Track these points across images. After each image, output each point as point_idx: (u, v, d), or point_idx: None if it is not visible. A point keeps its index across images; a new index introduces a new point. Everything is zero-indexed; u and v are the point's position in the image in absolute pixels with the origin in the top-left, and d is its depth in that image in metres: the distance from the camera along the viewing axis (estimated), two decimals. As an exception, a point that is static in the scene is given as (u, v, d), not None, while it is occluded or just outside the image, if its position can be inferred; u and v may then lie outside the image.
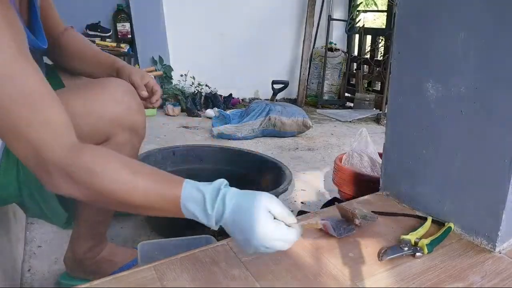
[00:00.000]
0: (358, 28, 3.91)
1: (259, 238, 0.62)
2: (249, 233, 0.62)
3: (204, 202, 0.63)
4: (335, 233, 0.86)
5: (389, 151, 1.10)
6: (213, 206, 0.63)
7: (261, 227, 0.62)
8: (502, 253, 0.85)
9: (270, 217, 0.64)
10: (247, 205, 0.63)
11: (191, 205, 0.64)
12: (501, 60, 0.80)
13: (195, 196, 0.64)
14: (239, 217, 0.63)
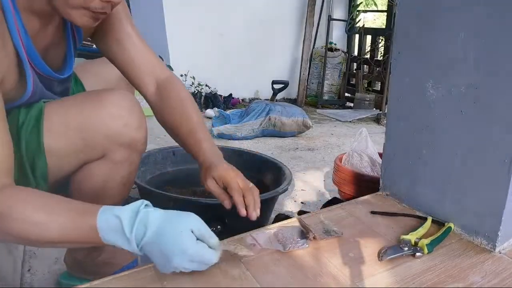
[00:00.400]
0: (358, 28, 3.91)
1: (179, 259, 0.63)
2: (170, 254, 0.63)
3: (122, 227, 0.62)
4: (280, 247, 0.81)
5: (389, 151, 1.10)
6: (132, 229, 0.62)
7: (183, 248, 0.63)
8: (502, 253, 0.85)
9: (193, 238, 0.64)
10: (170, 226, 0.64)
11: (110, 234, 0.63)
12: (501, 60, 0.80)
13: (112, 223, 0.63)
14: (161, 239, 0.63)
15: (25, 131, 0.76)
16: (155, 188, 1.30)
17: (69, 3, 0.68)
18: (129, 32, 0.90)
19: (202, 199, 1.44)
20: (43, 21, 0.75)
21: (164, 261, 0.64)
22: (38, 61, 0.76)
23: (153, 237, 0.63)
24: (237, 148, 1.77)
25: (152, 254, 0.65)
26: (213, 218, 1.17)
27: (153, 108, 0.95)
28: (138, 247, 0.63)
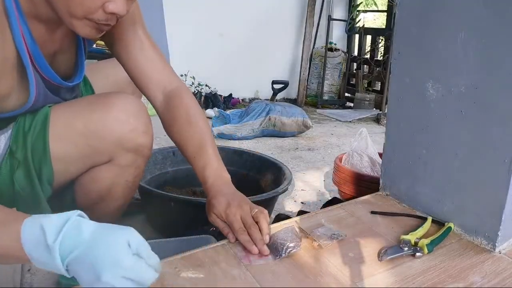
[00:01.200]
0: (358, 28, 3.91)
1: (110, 274, 0.51)
2: (99, 267, 0.51)
3: (44, 237, 0.52)
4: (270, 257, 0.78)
5: (389, 151, 1.10)
6: (56, 237, 0.51)
7: (116, 260, 0.52)
8: (502, 253, 0.85)
9: (129, 251, 0.54)
10: (104, 235, 0.54)
11: (33, 247, 0.52)
12: (501, 60, 0.80)
13: (36, 233, 0.52)
14: (92, 249, 0.52)
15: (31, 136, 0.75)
16: (155, 188, 1.30)
17: (72, 13, 0.66)
18: (140, 39, 0.88)
19: (202, 199, 1.44)
20: (50, 27, 0.74)
21: (92, 277, 0.52)
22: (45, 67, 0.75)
23: (83, 249, 0.52)
24: (237, 148, 1.77)
25: (79, 270, 0.53)
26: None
27: (161, 119, 0.94)
28: (64, 263, 0.52)
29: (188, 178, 1.63)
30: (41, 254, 0.52)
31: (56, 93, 0.81)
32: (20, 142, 0.75)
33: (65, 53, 0.82)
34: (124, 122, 0.78)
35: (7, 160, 0.76)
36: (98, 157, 0.80)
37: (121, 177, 0.85)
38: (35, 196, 0.78)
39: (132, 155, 0.83)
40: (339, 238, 0.86)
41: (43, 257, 0.53)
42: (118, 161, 0.82)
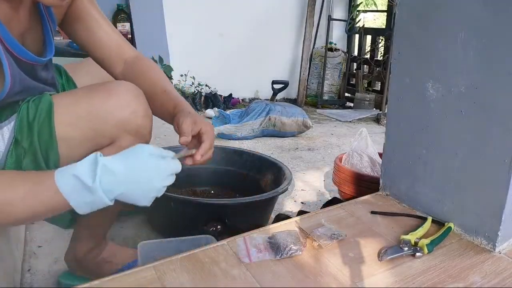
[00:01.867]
0: (358, 28, 3.91)
1: (158, 180, 0.67)
2: (148, 180, 0.66)
3: (79, 180, 0.62)
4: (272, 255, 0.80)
5: (389, 151, 1.10)
6: (94, 177, 0.62)
7: (157, 168, 0.67)
8: (502, 253, 0.85)
9: (157, 158, 0.68)
10: (133, 159, 0.66)
11: (74, 194, 0.62)
12: (501, 60, 0.80)
13: (71, 182, 0.62)
14: (133, 172, 0.64)
15: (37, 124, 0.77)
16: (155, 188, 1.29)
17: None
18: (95, 15, 0.92)
19: (202, 199, 1.44)
20: (14, 6, 0.75)
21: (146, 191, 0.66)
22: (17, 47, 0.75)
23: (125, 174, 0.64)
24: (237, 148, 1.77)
25: (128, 194, 0.65)
26: (213, 218, 1.17)
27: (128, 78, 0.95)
28: (108, 195, 0.63)
29: (188, 178, 1.63)
30: (84, 196, 0.62)
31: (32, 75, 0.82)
32: (25, 132, 0.76)
33: (32, 31, 0.82)
34: (125, 105, 0.82)
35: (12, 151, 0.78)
36: (101, 139, 0.82)
37: None
38: None
39: (133, 137, 0.85)
40: (339, 238, 0.86)
41: (86, 198, 0.63)
42: (119, 143, 0.84)
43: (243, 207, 1.25)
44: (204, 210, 1.20)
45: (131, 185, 0.65)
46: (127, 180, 0.65)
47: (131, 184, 0.65)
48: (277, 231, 0.87)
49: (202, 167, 1.65)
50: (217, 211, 1.19)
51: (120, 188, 0.64)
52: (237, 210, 1.24)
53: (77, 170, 0.63)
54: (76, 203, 0.63)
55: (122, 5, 3.21)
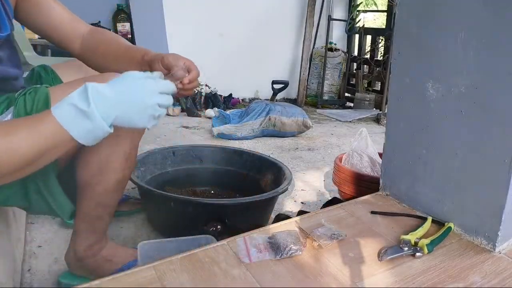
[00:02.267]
0: (358, 28, 3.91)
1: (151, 97, 0.68)
2: (142, 98, 0.68)
3: (78, 107, 0.63)
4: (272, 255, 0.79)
5: (389, 151, 1.10)
6: (87, 100, 0.63)
7: (149, 86, 0.69)
8: (502, 253, 0.85)
9: (146, 78, 0.70)
10: (125, 80, 0.68)
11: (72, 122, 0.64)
12: (501, 60, 0.80)
13: (67, 110, 0.64)
14: (126, 92, 0.67)
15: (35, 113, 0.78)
16: (155, 188, 1.30)
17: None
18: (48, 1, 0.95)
19: (202, 199, 1.44)
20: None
21: (139, 109, 0.68)
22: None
23: (116, 97, 0.66)
24: (237, 148, 1.77)
25: (124, 116, 0.67)
26: (213, 218, 1.17)
27: (84, 58, 1.00)
28: (105, 119, 0.65)
29: (188, 178, 1.63)
30: (83, 123, 0.64)
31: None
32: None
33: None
34: None
35: None
36: None
37: (119, 147, 0.90)
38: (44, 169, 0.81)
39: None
40: (339, 238, 0.86)
41: (85, 125, 0.64)
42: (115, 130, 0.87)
43: (243, 207, 1.25)
44: (204, 210, 1.20)
45: (123, 106, 0.67)
46: (119, 101, 0.66)
47: (123, 105, 0.67)
48: (277, 231, 0.87)
49: (202, 167, 1.65)
50: (217, 211, 1.19)
51: (114, 111, 0.66)
52: (237, 210, 1.24)
53: (71, 99, 0.64)
54: (77, 132, 0.64)
55: (122, 5, 3.21)
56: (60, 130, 0.63)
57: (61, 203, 0.90)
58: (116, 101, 0.66)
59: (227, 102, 3.51)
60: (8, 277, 0.91)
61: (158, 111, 0.70)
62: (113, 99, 0.66)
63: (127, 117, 0.68)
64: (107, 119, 0.65)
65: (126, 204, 1.45)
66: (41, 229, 1.31)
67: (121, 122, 0.68)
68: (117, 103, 0.66)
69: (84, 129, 0.64)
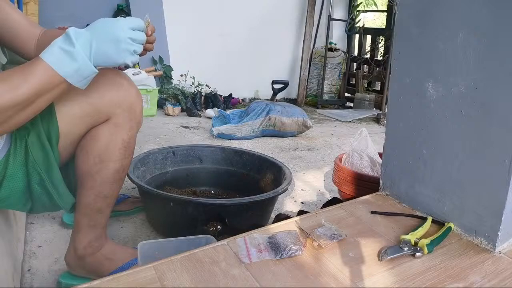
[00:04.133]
0: (358, 28, 3.91)
1: (119, 28, 0.74)
2: (111, 29, 0.74)
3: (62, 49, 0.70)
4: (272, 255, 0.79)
5: (389, 151, 1.10)
6: (71, 42, 0.71)
7: (118, 20, 0.76)
8: (502, 253, 0.85)
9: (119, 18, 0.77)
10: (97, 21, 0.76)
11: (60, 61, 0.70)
12: (501, 60, 0.80)
13: (55, 51, 0.71)
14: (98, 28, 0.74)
15: None
16: (155, 188, 1.30)
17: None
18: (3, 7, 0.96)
19: (202, 199, 1.44)
20: None
21: (114, 42, 0.74)
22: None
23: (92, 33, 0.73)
24: (237, 148, 1.77)
25: (101, 51, 0.73)
26: (213, 218, 1.17)
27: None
28: (89, 56, 0.72)
29: (188, 178, 1.63)
30: (69, 63, 0.71)
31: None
32: None
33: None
34: (119, 85, 0.92)
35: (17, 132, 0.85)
36: (98, 115, 0.91)
37: (118, 135, 0.94)
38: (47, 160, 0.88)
39: (127, 114, 0.94)
40: (339, 238, 0.86)
41: (72, 65, 0.71)
42: (114, 119, 0.93)
43: (243, 207, 1.25)
44: (204, 210, 1.20)
45: (99, 40, 0.73)
46: (95, 36, 0.73)
47: (99, 39, 0.73)
48: (277, 231, 0.87)
49: (202, 167, 1.66)
50: (217, 211, 1.19)
51: (93, 44, 0.72)
52: (237, 210, 1.24)
53: (57, 42, 0.71)
54: (65, 71, 0.71)
55: (122, 5, 3.21)
56: (51, 71, 0.70)
57: (63, 194, 0.93)
58: (94, 39, 0.73)
59: (227, 102, 3.51)
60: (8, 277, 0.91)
61: (133, 46, 0.76)
62: (91, 38, 0.73)
63: (104, 52, 0.74)
64: (90, 58, 0.72)
65: (126, 204, 1.45)
66: (41, 229, 1.31)
67: (102, 59, 0.74)
68: (95, 41, 0.73)
69: (72, 68, 0.71)
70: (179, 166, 1.62)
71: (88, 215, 0.98)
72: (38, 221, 1.35)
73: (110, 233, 1.24)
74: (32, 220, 1.35)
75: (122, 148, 0.96)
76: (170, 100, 3.25)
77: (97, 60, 0.74)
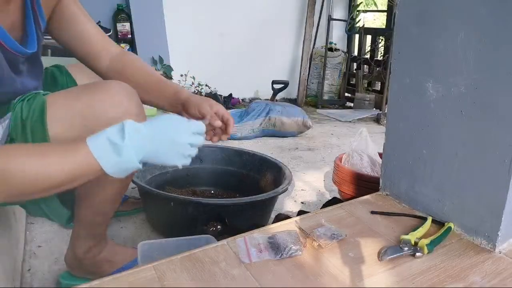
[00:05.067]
0: (358, 28, 3.91)
1: (183, 135, 0.71)
2: (173, 136, 0.70)
3: (112, 140, 0.64)
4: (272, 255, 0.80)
5: (389, 151, 1.10)
6: (123, 135, 0.64)
7: (182, 124, 0.72)
8: (502, 253, 0.85)
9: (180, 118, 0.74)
10: (160, 119, 0.71)
11: (105, 154, 0.64)
12: (501, 60, 0.80)
13: (101, 141, 0.65)
14: (158, 127, 0.69)
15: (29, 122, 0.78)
16: (155, 188, 1.30)
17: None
18: (80, 16, 0.95)
19: (202, 199, 1.44)
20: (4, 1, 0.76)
21: (171, 147, 0.70)
22: (7, 39, 0.76)
23: (149, 134, 0.67)
24: (237, 148, 1.77)
25: (154, 153, 0.68)
26: (213, 218, 1.17)
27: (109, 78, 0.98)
28: (137, 154, 0.66)
29: (188, 178, 1.63)
30: (113, 157, 0.64)
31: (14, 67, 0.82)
32: (19, 130, 0.78)
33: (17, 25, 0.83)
34: (118, 104, 0.83)
35: None
36: None
37: None
38: None
39: None
40: (339, 238, 0.86)
41: (115, 159, 0.64)
42: None
43: (243, 207, 1.25)
44: (204, 210, 1.20)
45: (155, 142, 0.68)
46: (152, 137, 0.68)
47: (156, 141, 0.68)
48: (277, 231, 0.87)
49: (202, 167, 1.65)
50: (217, 211, 1.19)
51: (146, 145, 0.67)
52: (237, 210, 1.24)
53: (108, 133, 0.65)
54: (106, 164, 0.65)
55: (122, 5, 3.21)
56: (91, 160, 0.64)
57: (56, 210, 0.90)
58: (150, 138, 0.67)
59: (227, 102, 3.50)
60: (8, 277, 0.91)
61: (189, 150, 0.72)
62: (147, 136, 0.67)
63: (157, 154, 0.69)
64: (138, 155, 0.66)
65: (126, 204, 1.45)
66: (41, 229, 1.31)
67: (151, 158, 0.69)
68: (150, 140, 0.67)
69: (113, 160, 0.65)
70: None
71: (87, 228, 0.98)
72: (38, 221, 1.35)
73: (110, 233, 1.24)
74: (32, 220, 1.35)
75: None
76: (170, 100, 3.25)
77: (145, 158, 0.68)
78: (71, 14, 0.94)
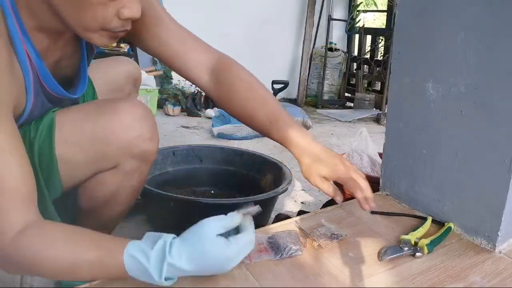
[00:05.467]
0: (358, 28, 3.91)
1: (228, 262, 0.64)
2: (217, 265, 0.64)
3: (148, 272, 0.60)
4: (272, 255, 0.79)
5: (389, 151, 1.10)
6: (161, 273, 0.60)
7: (222, 255, 0.63)
8: (502, 253, 0.85)
9: (221, 241, 0.63)
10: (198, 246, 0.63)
11: (139, 276, 0.61)
12: (501, 60, 0.80)
13: (138, 266, 0.60)
14: (199, 263, 0.62)
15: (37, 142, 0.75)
16: (155, 188, 1.30)
17: (86, 27, 0.65)
18: (165, 23, 0.85)
19: (202, 199, 1.44)
20: (54, 37, 0.72)
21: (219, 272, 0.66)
22: (50, 82, 0.73)
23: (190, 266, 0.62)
24: (237, 148, 1.77)
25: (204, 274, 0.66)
26: (213, 218, 1.17)
27: (212, 97, 0.89)
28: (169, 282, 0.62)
29: (188, 178, 1.63)
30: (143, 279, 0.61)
31: (58, 105, 0.80)
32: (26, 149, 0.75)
33: (67, 60, 0.80)
34: (130, 128, 0.78)
35: None
36: (104, 163, 0.80)
37: (126, 183, 0.85)
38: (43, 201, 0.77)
39: (137, 161, 0.82)
40: (339, 238, 0.86)
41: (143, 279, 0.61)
42: (123, 167, 0.82)
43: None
44: (204, 210, 1.20)
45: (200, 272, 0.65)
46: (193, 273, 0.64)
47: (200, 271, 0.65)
48: (277, 231, 0.87)
49: (202, 167, 1.65)
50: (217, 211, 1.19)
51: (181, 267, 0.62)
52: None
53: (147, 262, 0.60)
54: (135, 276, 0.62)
55: (122, 5, 3.21)
56: (123, 274, 0.61)
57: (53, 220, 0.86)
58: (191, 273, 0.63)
59: (227, 102, 3.50)
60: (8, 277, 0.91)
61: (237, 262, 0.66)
62: (186, 273, 0.63)
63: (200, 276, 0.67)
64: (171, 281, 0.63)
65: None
66: (41, 229, 1.31)
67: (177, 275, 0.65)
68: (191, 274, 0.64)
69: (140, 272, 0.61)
70: (179, 166, 1.62)
71: None
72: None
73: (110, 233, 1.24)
74: (32, 220, 1.35)
75: (130, 193, 0.88)
76: (170, 100, 3.25)
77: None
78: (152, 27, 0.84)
